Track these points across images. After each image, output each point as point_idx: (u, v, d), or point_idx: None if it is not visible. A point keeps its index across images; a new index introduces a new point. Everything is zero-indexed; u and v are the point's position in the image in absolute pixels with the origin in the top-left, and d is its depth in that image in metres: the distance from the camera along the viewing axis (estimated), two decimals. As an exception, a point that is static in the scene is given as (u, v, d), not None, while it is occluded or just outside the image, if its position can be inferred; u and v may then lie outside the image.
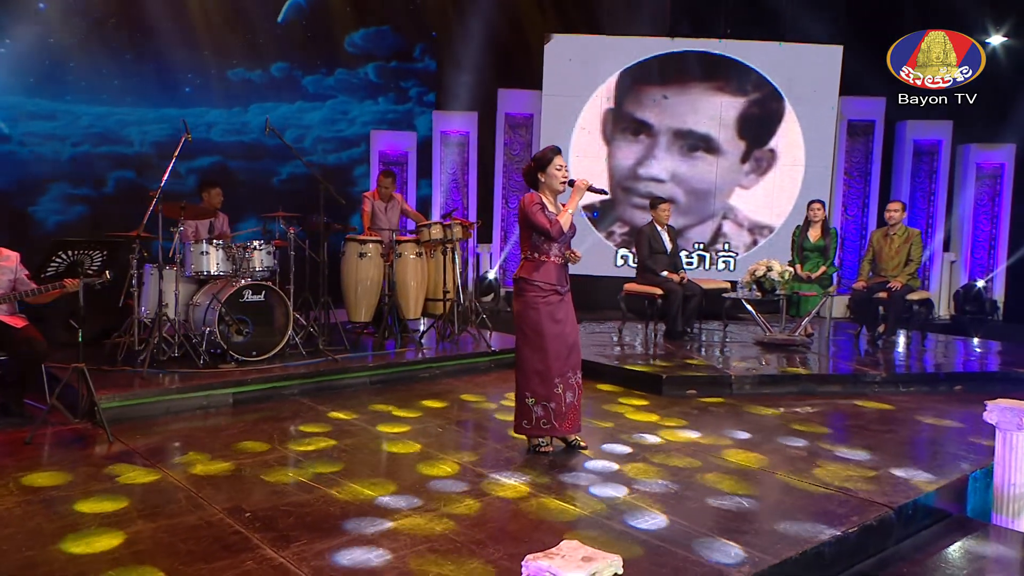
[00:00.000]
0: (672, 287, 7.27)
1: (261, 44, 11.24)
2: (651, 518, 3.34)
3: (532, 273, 4.22)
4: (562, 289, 4.23)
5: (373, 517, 3.28)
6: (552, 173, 4.21)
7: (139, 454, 4.07)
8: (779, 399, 5.64)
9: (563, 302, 4.24)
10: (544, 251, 4.22)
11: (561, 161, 4.22)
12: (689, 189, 10.16)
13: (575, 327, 4.32)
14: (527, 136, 10.34)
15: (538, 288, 4.20)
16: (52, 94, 9.52)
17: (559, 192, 4.23)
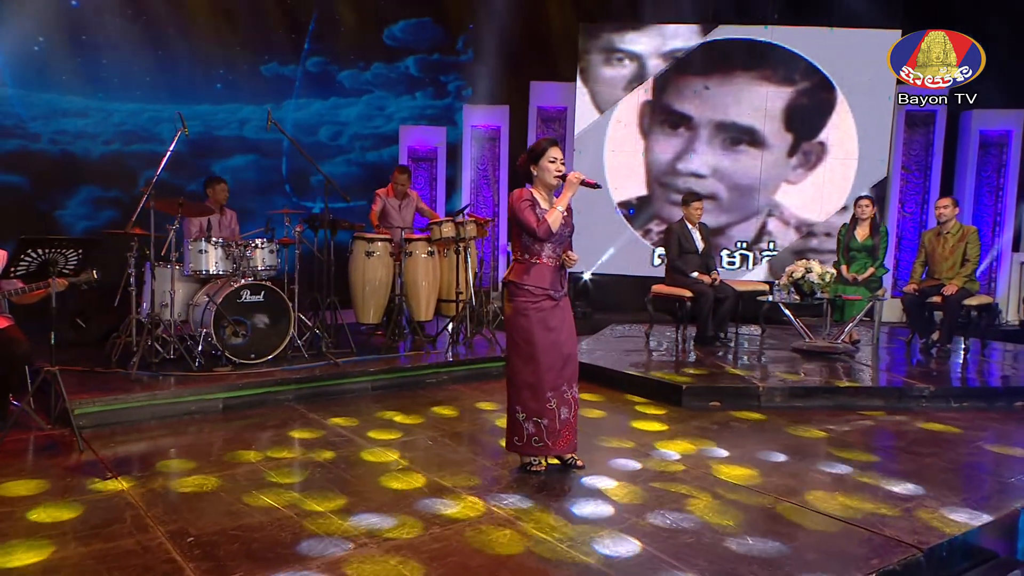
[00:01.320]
0: (702, 289, 6.79)
1: (295, 39, 11.11)
2: (628, 548, 2.95)
3: (522, 276, 3.85)
4: (556, 294, 3.85)
5: (326, 545, 2.97)
6: (545, 166, 3.84)
7: (106, 464, 3.85)
8: (811, 414, 5.14)
9: (557, 308, 3.87)
10: (535, 252, 3.85)
11: (556, 153, 3.84)
12: (732, 185, 9.60)
13: (572, 336, 3.94)
14: (560, 130, 9.94)
15: (528, 293, 3.84)
16: (84, 91, 9.53)
17: (553, 187, 3.85)
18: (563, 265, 3.90)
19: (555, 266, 3.86)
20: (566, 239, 3.89)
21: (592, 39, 9.64)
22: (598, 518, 3.31)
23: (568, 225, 3.89)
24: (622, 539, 3.09)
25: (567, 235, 3.88)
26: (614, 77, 9.67)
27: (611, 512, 3.38)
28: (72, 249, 4.19)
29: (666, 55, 9.54)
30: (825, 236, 9.30)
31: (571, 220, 3.94)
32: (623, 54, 9.63)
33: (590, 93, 9.65)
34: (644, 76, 9.59)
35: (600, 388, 5.76)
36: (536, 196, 3.85)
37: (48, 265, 4.11)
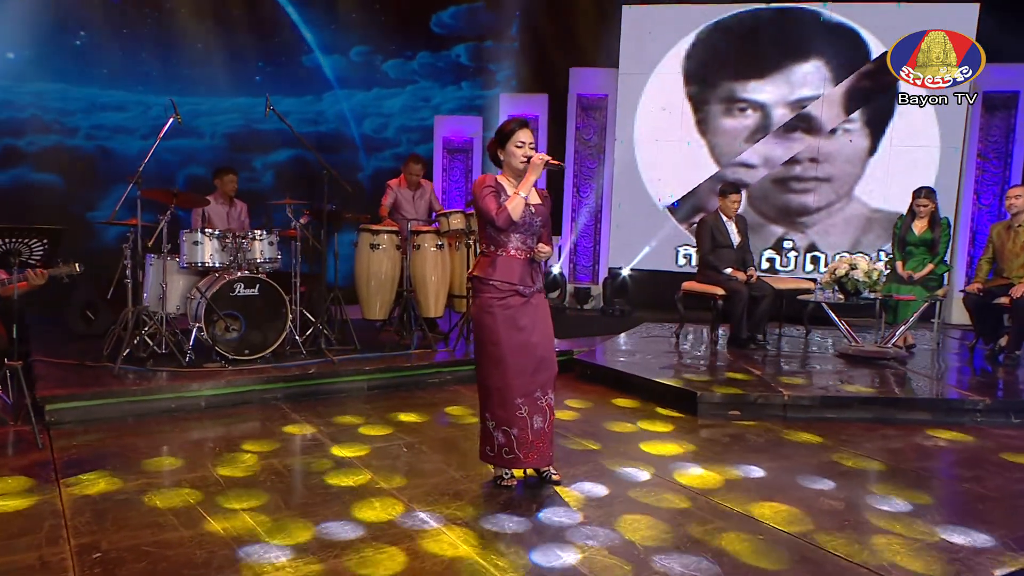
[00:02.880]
0: (736, 287, 6.25)
1: (338, 29, 10.97)
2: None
3: (487, 270, 3.48)
4: (526, 290, 3.45)
5: (238, 568, 2.67)
6: (511, 151, 3.45)
7: (56, 465, 3.67)
8: (843, 427, 4.58)
9: (528, 306, 3.47)
10: (501, 244, 3.47)
11: (524, 136, 3.43)
12: (789, 175, 8.95)
13: (546, 336, 3.54)
14: (601, 119, 9.47)
15: (493, 288, 3.45)
16: (124, 85, 9.59)
17: (520, 172, 3.45)
18: (535, 259, 3.49)
19: (524, 259, 3.47)
20: (537, 229, 3.49)
21: (634, 20, 9.12)
22: (559, 556, 2.91)
23: (540, 214, 3.50)
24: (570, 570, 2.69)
25: (537, 224, 3.48)
26: (658, 62, 9.12)
27: (575, 552, 2.97)
28: (37, 239, 4.02)
29: (710, 33, 8.92)
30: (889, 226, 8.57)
31: (545, 208, 3.56)
32: (668, 37, 9.07)
33: (632, 79, 9.13)
34: (688, 62, 9.01)
35: (610, 391, 5.34)
36: (503, 183, 3.47)
37: (10, 255, 3.95)
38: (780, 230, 8.93)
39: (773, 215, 8.96)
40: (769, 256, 8.89)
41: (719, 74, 8.92)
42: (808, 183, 8.83)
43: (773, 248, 8.90)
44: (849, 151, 8.69)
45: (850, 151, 8.69)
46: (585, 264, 9.57)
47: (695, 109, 9.06)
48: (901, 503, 3.40)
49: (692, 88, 9.01)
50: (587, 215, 9.53)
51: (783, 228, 8.93)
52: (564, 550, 2.87)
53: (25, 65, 9.03)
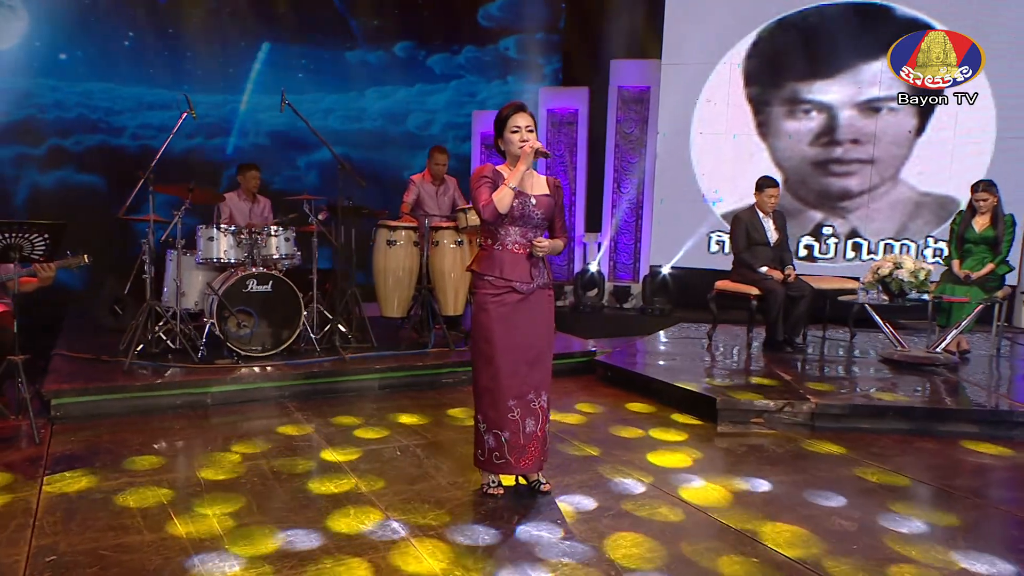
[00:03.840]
0: (771, 286, 5.89)
1: (382, 24, 10.95)
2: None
3: (483, 264, 3.31)
4: (523, 286, 3.25)
5: None
6: (508, 138, 3.27)
7: (47, 461, 3.65)
8: (875, 440, 4.24)
9: (526, 303, 3.27)
10: (499, 237, 3.29)
11: (519, 120, 3.24)
12: (841, 168, 8.48)
13: (544, 337, 3.33)
14: (643, 112, 9.16)
15: (488, 284, 3.28)
16: (170, 84, 9.75)
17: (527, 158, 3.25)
18: (533, 254, 3.28)
19: (523, 254, 3.26)
20: (538, 222, 3.28)
21: (679, 9, 8.76)
22: (530, 558, 2.71)
23: (542, 206, 3.28)
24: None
25: (538, 217, 3.27)
26: (704, 52, 8.76)
27: (547, 549, 2.76)
28: (38, 234, 4.03)
29: (766, 24, 8.51)
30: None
31: (554, 199, 3.33)
32: (715, 25, 8.69)
33: (676, 70, 8.80)
34: (739, 49, 8.62)
35: (629, 395, 5.09)
36: (504, 172, 3.28)
37: (11, 250, 3.97)
38: (819, 215, 8.48)
39: (812, 200, 8.51)
40: (807, 243, 8.47)
41: (782, 74, 8.50)
42: (850, 165, 8.36)
43: (811, 234, 8.46)
44: (895, 132, 8.17)
45: (896, 132, 8.17)
46: (625, 261, 9.28)
47: (755, 111, 8.66)
48: (922, 525, 3.08)
49: (753, 89, 8.59)
50: (627, 211, 9.24)
51: (822, 213, 8.47)
52: (535, 568, 2.68)
53: (76, 66, 9.28)
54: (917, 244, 8.25)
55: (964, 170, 7.80)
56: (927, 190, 8.18)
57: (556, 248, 3.36)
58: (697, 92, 8.81)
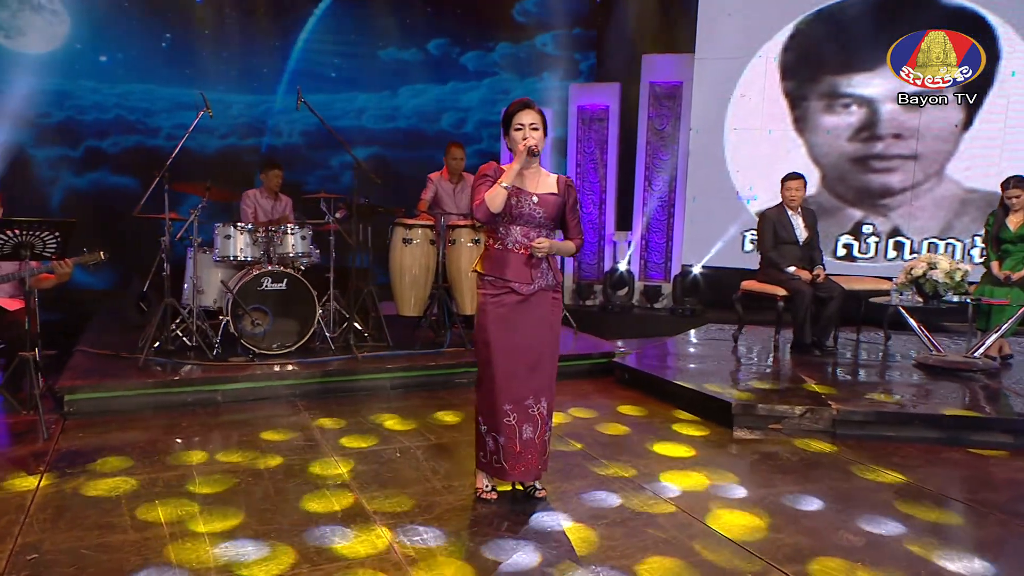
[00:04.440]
0: (798, 287, 5.68)
1: (414, 22, 10.95)
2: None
3: (484, 264, 3.23)
4: (522, 287, 3.15)
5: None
6: (512, 136, 3.16)
7: (51, 456, 3.68)
8: (898, 448, 4.04)
9: (526, 305, 3.16)
10: (500, 237, 3.20)
11: (524, 118, 3.13)
12: (878, 165, 8.18)
13: (544, 340, 3.21)
14: (675, 108, 8.96)
15: (488, 284, 3.20)
16: (205, 85, 9.83)
17: (527, 159, 3.15)
18: (532, 254, 3.17)
19: (523, 254, 3.16)
20: (540, 222, 3.16)
21: (713, 1, 8.55)
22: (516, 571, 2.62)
23: (545, 204, 3.15)
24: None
25: (539, 217, 3.15)
26: (738, 46, 8.53)
27: (536, 563, 2.67)
28: (49, 232, 4.08)
29: (803, 16, 8.23)
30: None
31: (562, 198, 3.19)
32: (750, 18, 8.45)
33: (710, 65, 8.58)
34: (775, 43, 8.37)
35: (646, 397, 4.96)
36: (508, 171, 3.17)
37: (23, 248, 4.02)
38: (859, 214, 8.18)
39: (851, 197, 8.22)
40: (846, 242, 8.19)
41: (820, 67, 8.23)
42: (891, 161, 8.05)
43: (851, 233, 8.18)
44: (940, 126, 7.84)
45: (941, 126, 7.83)
46: (657, 261, 9.10)
47: (792, 106, 8.40)
48: (935, 540, 2.89)
49: (789, 83, 8.36)
50: (658, 209, 9.06)
51: (862, 211, 8.18)
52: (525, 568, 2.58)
53: (115, 67, 9.47)
54: (963, 243, 7.91)
55: (1014, 165, 7.43)
56: (974, 186, 7.84)
57: (564, 249, 3.25)
58: (731, 87, 8.58)
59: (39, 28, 9.12)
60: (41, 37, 9.14)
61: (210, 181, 5.42)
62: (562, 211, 3.21)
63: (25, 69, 8.86)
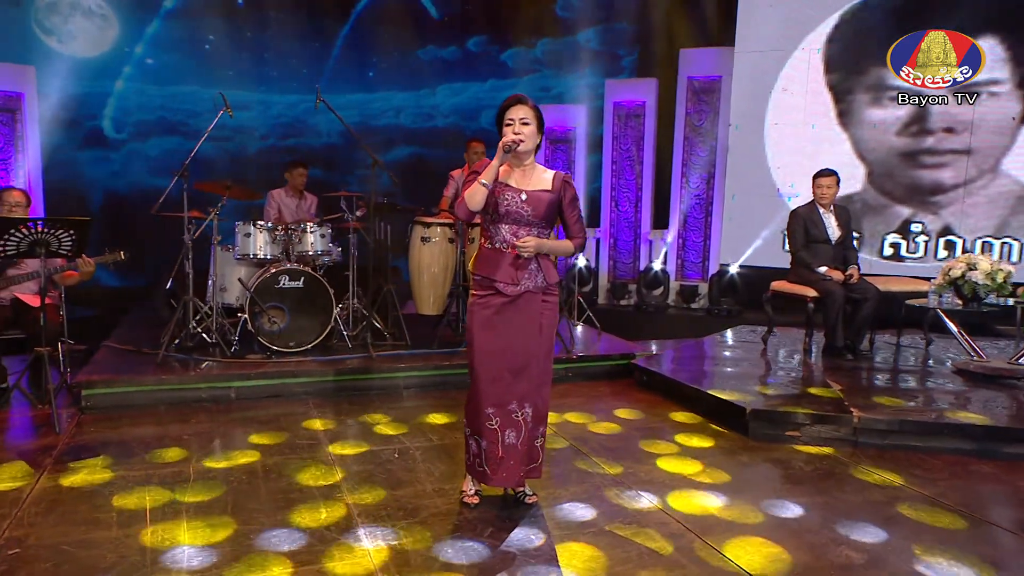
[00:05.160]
0: (829, 287, 5.44)
1: (453, 19, 10.94)
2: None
3: (475, 264, 3.16)
4: (507, 288, 3.05)
5: None
6: (504, 131, 3.06)
7: (56, 451, 3.75)
8: (924, 460, 3.81)
9: (512, 307, 3.07)
10: (490, 236, 3.12)
11: (514, 113, 3.03)
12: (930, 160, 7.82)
13: (530, 344, 3.09)
14: (714, 103, 8.73)
15: (476, 284, 3.13)
16: (247, 86, 10.07)
17: (520, 155, 3.05)
18: (521, 255, 3.07)
19: (511, 253, 3.06)
20: (529, 220, 3.04)
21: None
22: None
23: (533, 202, 3.04)
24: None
25: (527, 215, 3.04)
26: (780, 37, 8.25)
27: (504, 570, 2.58)
28: (64, 230, 4.16)
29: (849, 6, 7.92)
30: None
31: (555, 196, 3.06)
32: (793, 9, 8.16)
33: (750, 58, 8.32)
34: (819, 34, 8.07)
35: (664, 401, 4.81)
36: (503, 168, 3.08)
37: (38, 245, 4.11)
38: (907, 211, 7.83)
39: (899, 194, 7.86)
40: (893, 241, 7.84)
41: (867, 59, 7.91)
42: (943, 156, 7.67)
43: (898, 232, 7.83)
44: (996, 119, 7.43)
45: (997, 119, 7.42)
46: (694, 260, 8.88)
47: (836, 99, 8.10)
48: (944, 562, 2.70)
49: (834, 76, 8.07)
50: (696, 207, 8.84)
51: (911, 209, 7.82)
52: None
53: (160, 70, 9.71)
54: (1021, 242, 7.50)
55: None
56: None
57: (559, 249, 3.13)
58: (772, 80, 8.30)
59: (89, 32, 9.40)
60: (91, 41, 9.42)
61: (230, 180, 5.47)
62: (555, 209, 3.10)
63: (75, 72, 9.14)
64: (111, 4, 9.41)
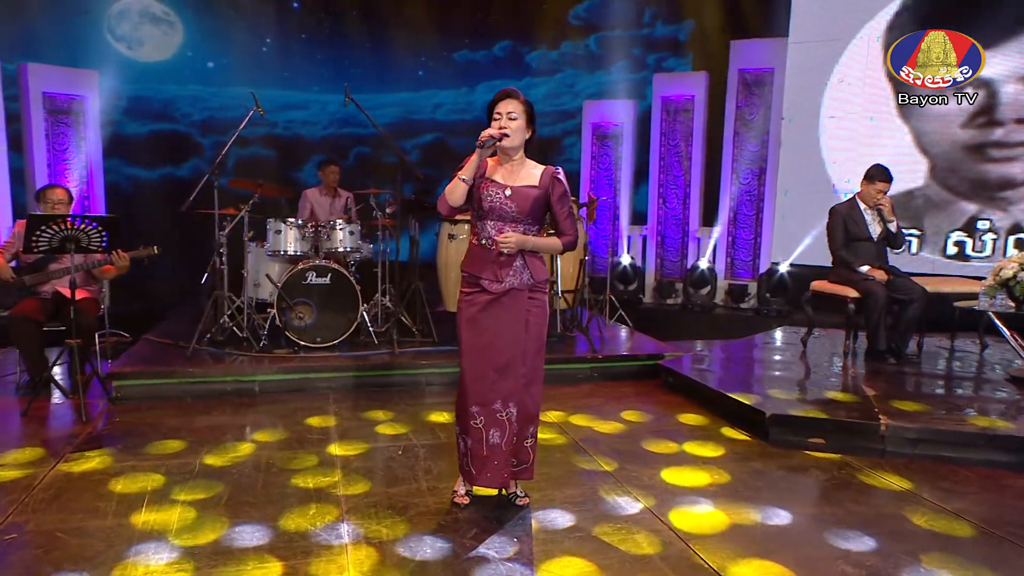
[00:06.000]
0: (871, 288, 5.18)
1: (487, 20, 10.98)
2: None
3: (464, 261, 3.13)
4: (492, 286, 3.00)
5: (111, 566, 2.59)
6: (492, 126, 3.01)
7: (77, 440, 3.88)
8: (954, 471, 3.58)
9: (497, 305, 3.01)
10: (476, 232, 3.09)
11: (502, 107, 2.97)
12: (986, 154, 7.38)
13: (515, 342, 3.02)
14: (766, 96, 8.44)
15: (464, 280, 3.10)
16: (302, 86, 10.34)
17: (507, 150, 3.00)
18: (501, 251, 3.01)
19: (495, 250, 3.01)
20: (513, 216, 2.98)
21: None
22: None
23: (518, 199, 2.96)
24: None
25: (511, 211, 2.98)
26: (837, 27, 7.91)
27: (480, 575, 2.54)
28: (94, 227, 4.32)
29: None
30: None
31: (542, 191, 2.98)
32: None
33: (805, 49, 8.01)
34: (878, 23, 7.70)
35: (686, 403, 4.67)
36: (488, 163, 3.04)
37: (68, 241, 4.27)
38: (973, 207, 7.39)
39: (964, 190, 7.43)
40: (958, 239, 7.42)
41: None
42: (1013, 149, 7.22)
43: (963, 229, 7.40)
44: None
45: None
46: (744, 258, 8.62)
47: (896, 89, 7.73)
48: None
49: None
50: (746, 204, 8.57)
51: (977, 205, 7.38)
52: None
53: (221, 72, 10.04)
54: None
55: None
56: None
57: (545, 246, 3.05)
58: (828, 71, 7.97)
59: (156, 39, 9.79)
60: (157, 47, 9.81)
61: (261, 179, 5.58)
62: (542, 205, 3.03)
63: (139, 75, 9.54)
64: (176, 10, 9.77)
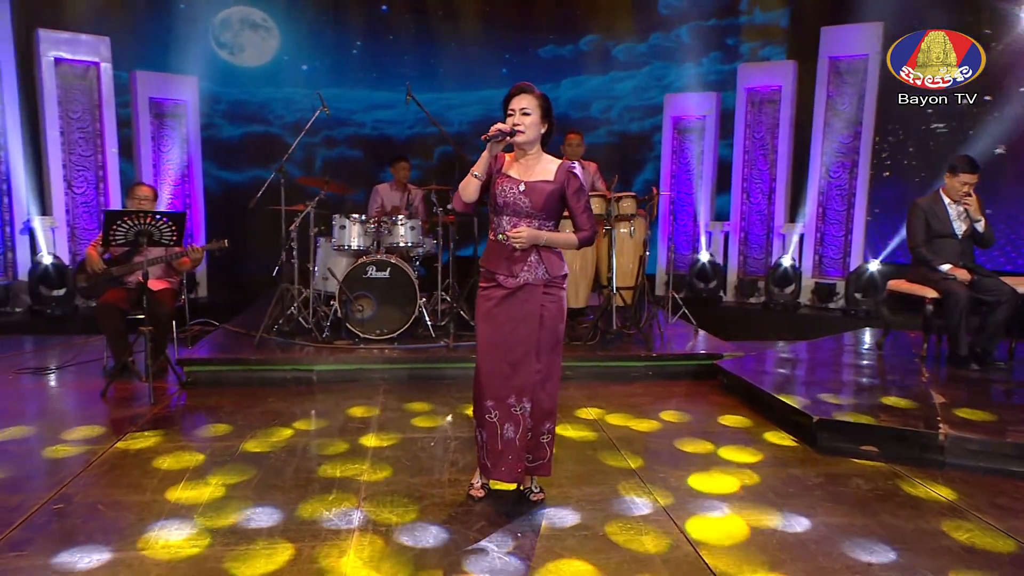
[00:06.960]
0: (952, 288, 4.82)
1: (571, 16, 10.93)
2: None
3: (482, 256, 3.15)
4: (507, 281, 3.00)
5: (134, 540, 2.76)
6: (506, 122, 3.01)
7: (145, 420, 4.15)
8: (1014, 487, 3.30)
9: (512, 300, 3.01)
10: (493, 227, 3.10)
11: (516, 103, 2.97)
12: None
13: (530, 337, 3.00)
14: (859, 84, 7.99)
15: (481, 275, 3.12)
16: (390, 86, 10.64)
17: (520, 144, 2.99)
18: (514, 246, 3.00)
19: (509, 246, 3.01)
20: (528, 212, 2.97)
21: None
22: (441, 575, 2.52)
23: (532, 193, 2.96)
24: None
25: (525, 206, 2.97)
26: (936, 9, 7.42)
27: (477, 568, 2.54)
28: (164, 222, 4.60)
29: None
30: None
31: (549, 186, 2.97)
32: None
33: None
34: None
35: (739, 404, 4.52)
36: (507, 159, 3.05)
37: (142, 235, 4.58)
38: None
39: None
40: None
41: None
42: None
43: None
44: None
45: None
46: (833, 256, 8.20)
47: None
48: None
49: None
50: (836, 198, 8.15)
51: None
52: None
53: (315, 75, 10.48)
54: None
55: None
56: None
57: (561, 242, 3.03)
58: (927, 57, 7.47)
59: (255, 44, 10.33)
60: (256, 52, 10.35)
61: (328, 176, 5.77)
62: (556, 200, 3.00)
63: (238, 80, 10.09)
64: (274, 17, 10.27)
